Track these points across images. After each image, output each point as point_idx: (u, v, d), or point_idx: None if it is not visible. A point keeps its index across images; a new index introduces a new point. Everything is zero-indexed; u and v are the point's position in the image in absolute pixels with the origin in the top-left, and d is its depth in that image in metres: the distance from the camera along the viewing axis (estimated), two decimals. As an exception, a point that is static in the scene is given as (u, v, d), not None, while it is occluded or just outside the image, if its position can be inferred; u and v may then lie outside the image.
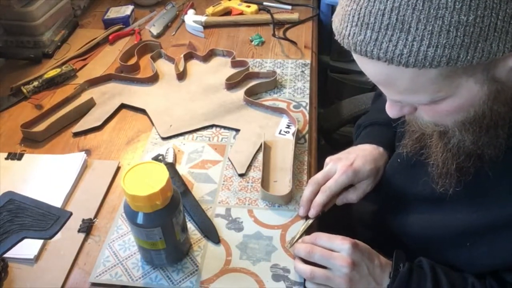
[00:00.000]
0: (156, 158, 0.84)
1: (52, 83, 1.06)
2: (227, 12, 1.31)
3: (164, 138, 0.90)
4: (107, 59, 1.15)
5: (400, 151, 0.68)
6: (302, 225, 0.72)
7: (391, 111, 0.56)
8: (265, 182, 0.80)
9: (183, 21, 1.28)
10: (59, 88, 1.06)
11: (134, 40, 1.21)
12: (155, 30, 1.24)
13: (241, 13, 1.28)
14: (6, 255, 0.64)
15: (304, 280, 0.65)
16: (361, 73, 0.53)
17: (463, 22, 0.40)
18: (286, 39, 1.17)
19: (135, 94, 1.02)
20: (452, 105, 0.49)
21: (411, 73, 0.45)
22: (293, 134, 0.88)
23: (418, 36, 0.41)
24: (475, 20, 0.40)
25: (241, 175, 0.82)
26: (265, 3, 1.30)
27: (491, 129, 0.51)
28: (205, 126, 0.92)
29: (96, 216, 0.76)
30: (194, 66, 1.11)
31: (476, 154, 0.54)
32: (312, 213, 0.72)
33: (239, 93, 1.00)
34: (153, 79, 1.06)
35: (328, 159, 0.77)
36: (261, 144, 0.86)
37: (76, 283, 0.67)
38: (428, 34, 0.41)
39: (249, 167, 0.83)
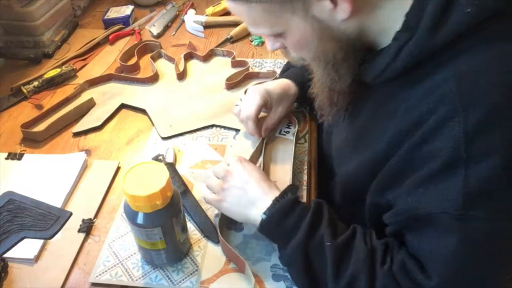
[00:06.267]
0: (156, 158, 0.84)
1: (52, 83, 1.06)
2: (227, 12, 1.30)
3: (164, 138, 0.90)
4: (107, 59, 1.15)
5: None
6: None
7: (267, 44, 0.65)
8: (265, 182, 0.80)
9: (183, 21, 1.28)
10: (59, 88, 1.06)
11: (134, 40, 1.21)
12: (155, 30, 1.24)
13: (241, 13, 1.28)
14: (6, 255, 0.64)
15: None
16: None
17: None
18: (286, 39, 1.17)
19: (135, 94, 1.02)
20: (293, 40, 0.58)
21: (245, 8, 0.56)
22: (293, 134, 0.88)
23: None
24: None
25: (241, 175, 0.82)
26: (265, 3, 1.30)
27: (336, 64, 0.58)
28: (205, 126, 0.92)
29: (96, 216, 0.76)
30: (194, 66, 1.11)
31: (336, 89, 0.62)
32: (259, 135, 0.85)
33: (239, 93, 1.00)
34: (153, 79, 1.06)
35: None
36: (262, 145, 0.86)
37: (76, 283, 0.67)
38: None
39: (249, 167, 0.83)
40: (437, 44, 0.51)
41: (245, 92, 0.97)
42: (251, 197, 0.66)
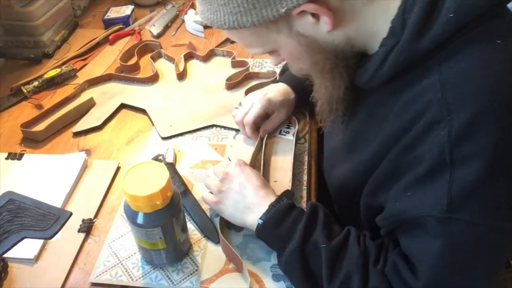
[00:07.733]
0: (156, 158, 0.84)
1: (52, 83, 1.06)
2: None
3: (164, 138, 0.90)
4: (107, 59, 1.15)
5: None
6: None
7: (271, 60, 0.66)
8: (265, 182, 0.80)
9: (183, 21, 1.28)
10: (59, 88, 1.06)
11: (134, 40, 1.21)
12: (155, 30, 1.24)
13: (241, 13, 1.28)
14: (6, 255, 0.65)
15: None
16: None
17: None
18: (286, 39, 1.17)
19: (135, 94, 1.02)
20: (286, 54, 0.60)
21: (235, 33, 0.58)
22: (293, 134, 0.88)
23: (218, 7, 0.53)
24: None
25: (241, 175, 0.82)
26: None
27: (328, 72, 0.59)
28: (205, 126, 0.92)
29: (96, 216, 0.76)
30: (194, 66, 1.11)
31: (333, 96, 0.62)
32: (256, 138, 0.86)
33: (239, 93, 1.00)
34: (153, 79, 1.06)
35: (246, 95, 0.92)
36: (261, 144, 0.86)
37: (76, 283, 0.67)
38: (221, 6, 0.53)
39: (249, 167, 0.83)
40: (421, 51, 0.51)
41: (246, 93, 0.98)
42: (248, 202, 0.67)
